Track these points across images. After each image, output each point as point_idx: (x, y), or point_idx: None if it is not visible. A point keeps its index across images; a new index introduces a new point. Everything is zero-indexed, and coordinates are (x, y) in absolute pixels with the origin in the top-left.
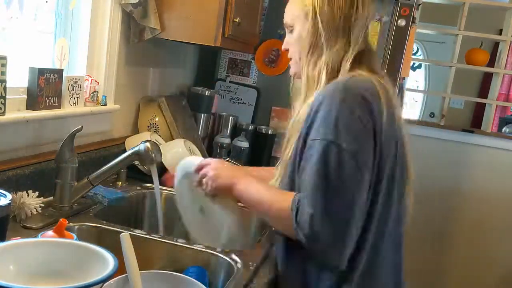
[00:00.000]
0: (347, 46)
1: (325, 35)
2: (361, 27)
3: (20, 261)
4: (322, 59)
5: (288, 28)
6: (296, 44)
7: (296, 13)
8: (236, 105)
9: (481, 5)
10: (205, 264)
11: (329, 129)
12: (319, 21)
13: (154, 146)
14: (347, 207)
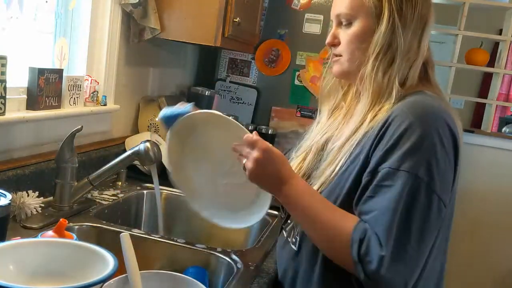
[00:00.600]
0: (416, 54)
1: (402, 38)
2: (429, 35)
3: (20, 261)
4: (394, 65)
5: (341, 20)
6: (354, 42)
7: (362, 5)
8: (236, 105)
9: (481, 5)
10: (205, 264)
11: (420, 163)
12: (397, 21)
13: (154, 146)
14: (423, 253)
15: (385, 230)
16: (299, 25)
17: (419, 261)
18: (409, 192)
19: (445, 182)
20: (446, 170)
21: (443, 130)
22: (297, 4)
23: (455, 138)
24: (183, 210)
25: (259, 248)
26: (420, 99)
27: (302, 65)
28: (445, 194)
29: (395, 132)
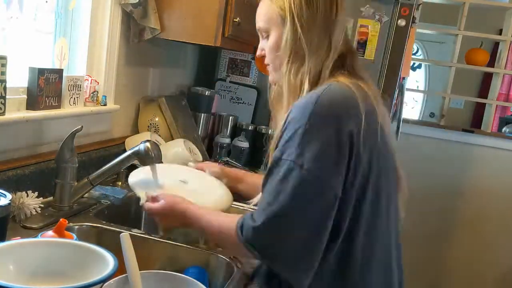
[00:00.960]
0: (329, 50)
1: (306, 41)
2: (341, 28)
3: (20, 261)
4: (304, 66)
5: (262, 34)
6: (273, 51)
7: (271, 16)
8: (236, 105)
9: (481, 5)
10: (205, 264)
11: (294, 148)
12: (298, 27)
13: (154, 146)
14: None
15: (259, 208)
16: None
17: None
18: (284, 176)
19: (325, 163)
20: (325, 155)
21: (326, 116)
22: None
23: (343, 124)
24: None
25: None
26: (316, 90)
27: None
28: (327, 174)
29: (286, 123)
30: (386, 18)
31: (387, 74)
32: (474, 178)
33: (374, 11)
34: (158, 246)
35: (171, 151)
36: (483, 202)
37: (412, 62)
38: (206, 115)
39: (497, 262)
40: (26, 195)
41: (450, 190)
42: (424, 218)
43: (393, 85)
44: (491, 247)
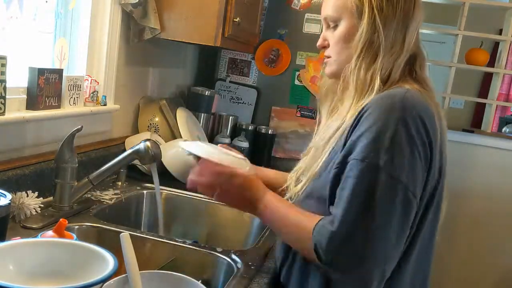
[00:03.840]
0: (401, 48)
1: (383, 35)
2: (415, 28)
3: (20, 261)
4: (377, 63)
5: (329, 22)
6: (341, 43)
7: (343, 4)
8: (236, 105)
9: (481, 5)
10: (205, 264)
11: (381, 152)
12: (377, 20)
13: (154, 145)
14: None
15: (340, 211)
16: (299, 25)
17: (380, 246)
18: (369, 180)
19: (412, 172)
20: (412, 161)
21: (412, 120)
22: (297, 4)
23: (427, 132)
24: (183, 210)
25: (259, 248)
26: (394, 92)
27: (302, 65)
28: (412, 184)
29: (363, 123)
30: None
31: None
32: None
33: None
34: (158, 246)
35: (171, 151)
36: (483, 202)
37: None
38: (206, 115)
39: (497, 262)
40: (26, 195)
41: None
42: None
43: None
44: (492, 247)
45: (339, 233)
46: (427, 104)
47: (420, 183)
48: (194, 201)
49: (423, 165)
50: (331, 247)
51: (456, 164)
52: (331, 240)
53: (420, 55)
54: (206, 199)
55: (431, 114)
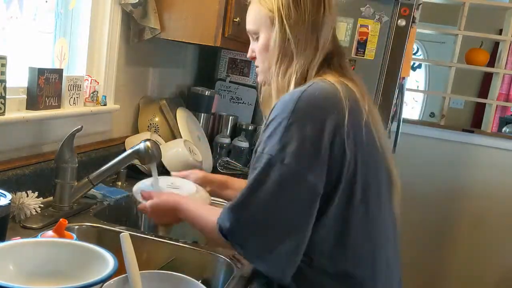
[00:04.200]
0: (316, 50)
1: (294, 42)
2: (329, 28)
3: (20, 261)
4: (292, 67)
5: (252, 36)
6: (263, 53)
7: (260, 18)
8: (236, 105)
9: (481, 5)
10: (205, 264)
11: (275, 143)
12: (286, 28)
13: (154, 145)
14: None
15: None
16: None
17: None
18: (265, 168)
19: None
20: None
21: (307, 112)
22: None
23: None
24: None
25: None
26: (298, 88)
27: None
28: (304, 169)
29: (267, 120)
30: (386, 18)
31: (387, 74)
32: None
33: (374, 11)
34: (158, 246)
35: (171, 151)
36: (483, 202)
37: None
38: (206, 115)
39: (497, 262)
40: (26, 195)
41: (450, 190)
42: (423, 218)
43: (393, 85)
44: (492, 247)
45: (234, 207)
46: (333, 90)
47: (316, 169)
48: None
49: (320, 150)
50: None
51: (456, 164)
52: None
53: (337, 52)
54: None
55: (335, 99)
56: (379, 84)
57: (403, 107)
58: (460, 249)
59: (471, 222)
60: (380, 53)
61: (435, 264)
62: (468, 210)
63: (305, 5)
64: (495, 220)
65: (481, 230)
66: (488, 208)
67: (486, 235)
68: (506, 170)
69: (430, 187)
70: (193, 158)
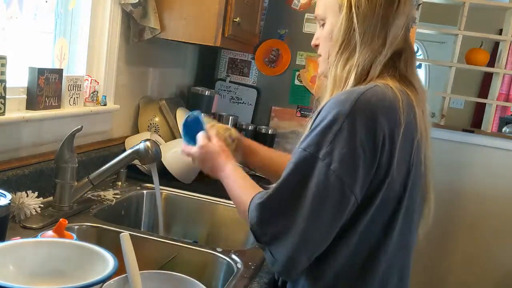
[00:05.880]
0: (383, 46)
1: (360, 32)
2: (401, 25)
3: (20, 261)
4: (354, 59)
5: (319, 21)
6: (327, 41)
7: (330, 4)
8: (236, 105)
9: (481, 5)
10: (205, 264)
11: (322, 143)
12: (354, 15)
13: (154, 145)
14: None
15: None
16: (299, 25)
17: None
18: (306, 167)
19: (350, 167)
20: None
21: (362, 118)
22: (297, 4)
23: (376, 130)
24: (183, 210)
25: (259, 248)
26: (357, 88)
27: (302, 65)
28: (349, 178)
29: (318, 117)
30: None
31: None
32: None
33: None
34: (158, 246)
35: (171, 151)
36: (483, 202)
37: None
38: None
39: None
40: (26, 195)
41: (449, 190)
42: None
43: None
44: (492, 248)
45: (263, 204)
46: (394, 99)
47: (360, 179)
48: (194, 201)
49: (368, 162)
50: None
51: (456, 164)
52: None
53: (407, 51)
54: (206, 199)
55: (394, 109)
56: None
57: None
58: (460, 249)
59: (470, 222)
60: None
61: (433, 263)
62: (468, 210)
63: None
64: (495, 220)
65: (480, 230)
66: (488, 208)
67: (485, 235)
68: (506, 170)
69: None
70: None
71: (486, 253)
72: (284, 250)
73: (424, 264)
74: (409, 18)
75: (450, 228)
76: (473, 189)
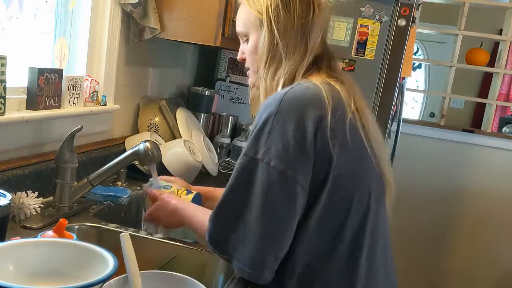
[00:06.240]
0: (305, 53)
1: (283, 44)
2: (318, 30)
3: (20, 261)
4: (281, 69)
5: (242, 37)
6: (252, 54)
7: (250, 20)
8: (236, 105)
9: (481, 5)
10: (205, 264)
11: (256, 145)
12: (275, 30)
13: (153, 146)
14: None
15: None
16: None
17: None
18: (248, 170)
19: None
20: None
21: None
22: None
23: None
24: None
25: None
26: (279, 91)
27: None
28: (291, 170)
29: (253, 123)
30: (386, 18)
31: (387, 74)
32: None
33: (374, 11)
34: (158, 246)
35: (171, 151)
36: (483, 202)
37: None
38: (206, 115)
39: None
40: (26, 195)
41: (450, 190)
42: (423, 218)
43: (393, 85)
44: (492, 248)
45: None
46: (315, 91)
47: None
48: None
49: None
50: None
51: (456, 164)
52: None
53: (327, 54)
54: None
55: (317, 99)
56: (379, 84)
57: (403, 107)
58: (460, 249)
59: (471, 222)
60: (380, 53)
61: (434, 264)
62: (468, 210)
63: (294, 7)
64: (495, 220)
65: (481, 230)
66: (488, 208)
67: (486, 235)
68: (506, 170)
69: (430, 187)
70: (193, 158)
71: (486, 253)
72: (249, 253)
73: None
74: (324, 23)
75: (450, 227)
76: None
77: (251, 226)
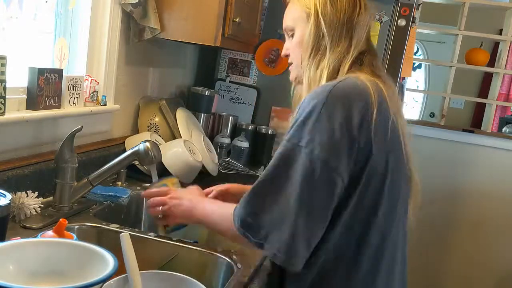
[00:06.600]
0: (349, 47)
1: (328, 36)
2: (363, 27)
3: (20, 261)
4: (324, 60)
5: (288, 33)
6: (297, 48)
7: (297, 15)
8: (236, 105)
9: (481, 5)
10: (205, 264)
11: (301, 133)
12: (321, 22)
13: (153, 146)
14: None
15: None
16: None
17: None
18: (289, 156)
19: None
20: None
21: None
22: None
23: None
24: None
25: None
26: (329, 83)
27: None
28: (334, 161)
29: (298, 111)
30: (386, 18)
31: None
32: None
33: (374, 11)
34: (158, 246)
35: (171, 151)
36: (483, 202)
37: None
38: (206, 115)
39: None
40: (26, 195)
41: (450, 190)
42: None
43: None
44: (492, 248)
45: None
46: (364, 87)
47: (344, 161)
48: None
49: (348, 144)
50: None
51: (456, 164)
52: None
53: (370, 51)
54: None
55: (365, 95)
56: None
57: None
58: (460, 249)
59: (471, 222)
60: (380, 53)
61: (434, 264)
62: (468, 210)
63: (341, 4)
64: (495, 220)
65: (481, 230)
66: (488, 208)
67: (486, 235)
68: (506, 170)
69: (430, 187)
70: (193, 158)
71: (487, 253)
72: (283, 239)
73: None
74: (369, 21)
75: (450, 227)
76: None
77: (287, 211)
